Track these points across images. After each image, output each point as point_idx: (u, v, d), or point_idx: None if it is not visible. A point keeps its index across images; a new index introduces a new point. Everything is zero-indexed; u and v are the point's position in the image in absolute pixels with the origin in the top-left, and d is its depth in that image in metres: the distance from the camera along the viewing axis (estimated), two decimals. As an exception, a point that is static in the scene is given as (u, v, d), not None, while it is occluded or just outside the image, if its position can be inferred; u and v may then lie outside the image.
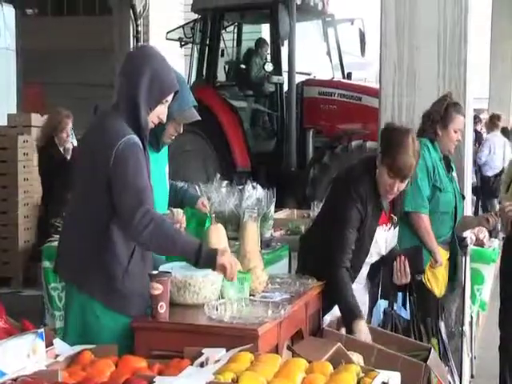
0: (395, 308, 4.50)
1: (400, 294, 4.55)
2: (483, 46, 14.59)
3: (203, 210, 4.35)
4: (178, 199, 4.31)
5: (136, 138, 3.37)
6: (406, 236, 4.77)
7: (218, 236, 3.86)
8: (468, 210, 5.45)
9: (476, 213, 10.45)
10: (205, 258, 3.35)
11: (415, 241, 4.81)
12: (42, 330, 2.89)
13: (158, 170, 3.91)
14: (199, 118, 4.01)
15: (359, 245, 4.25)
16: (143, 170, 3.37)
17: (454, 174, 5.02)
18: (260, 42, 11.16)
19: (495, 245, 5.90)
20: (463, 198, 5.07)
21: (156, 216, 3.32)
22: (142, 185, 3.33)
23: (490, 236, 6.01)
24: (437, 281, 4.93)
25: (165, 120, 3.56)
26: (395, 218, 4.43)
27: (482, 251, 5.67)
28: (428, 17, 5.34)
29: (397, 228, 4.47)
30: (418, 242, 4.81)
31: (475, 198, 11.88)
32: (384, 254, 4.43)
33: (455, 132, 4.85)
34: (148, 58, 3.47)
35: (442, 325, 5.02)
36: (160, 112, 3.49)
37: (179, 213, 3.70)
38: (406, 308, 4.54)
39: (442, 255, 4.91)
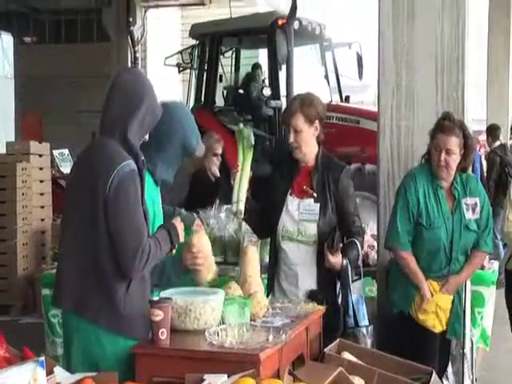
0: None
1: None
2: (482, 69, 14.68)
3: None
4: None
5: (132, 164, 3.40)
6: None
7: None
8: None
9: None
10: (174, 243, 3.59)
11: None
12: (43, 358, 2.87)
13: (155, 193, 3.91)
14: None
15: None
16: (139, 199, 3.42)
17: (471, 200, 4.70)
18: (257, 66, 11.20)
19: (495, 267, 5.89)
20: (473, 230, 4.71)
21: (151, 248, 3.39)
22: (140, 220, 3.40)
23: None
24: (428, 316, 4.70)
25: (147, 139, 3.60)
26: (311, 191, 4.52)
27: (482, 274, 5.64)
28: (426, 40, 5.36)
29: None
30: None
31: None
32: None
33: (436, 150, 4.62)
34: (142, 91, 3.49)
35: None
36: (145, 138, 3.58)
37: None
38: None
39: (434, 287, 4.70)
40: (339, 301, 4.47)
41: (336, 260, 4.41)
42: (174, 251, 3.64)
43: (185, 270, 3.82)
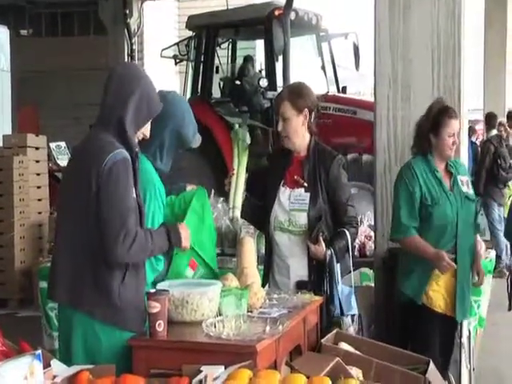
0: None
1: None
2: (479, 60, 14.68)
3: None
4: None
5: (125, 153, 3.40)
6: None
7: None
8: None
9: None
10: (174, 245, 3.60)
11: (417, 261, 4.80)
12: (40, 351, 2.87)
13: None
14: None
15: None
16: (131, 187, 3.41)
17: (463, 177, 4.90)
18: (253, 57, 11.19)
19: (492, 256, 5.90)
20: (473, 200, 4.94)
21: (138, 234, 3.37)
22: (127, 205, 3.38)
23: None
24: (438, 295, 4.77)
25: (148, 136, 3.62)
26: (301, 180, 4.53)
27: (479, 263, 5.66)
28: (421, 30, 5.36)
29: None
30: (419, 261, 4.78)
31: None
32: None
33: (449, 136, 4.78)
34: (137, 79, 3.51)
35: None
36: (144, 129, 3.58)
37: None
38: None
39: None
40: (326, 290, 4.46)
41: (316, 249, 4.41)
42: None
43: None
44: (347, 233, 4.51)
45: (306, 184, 4.52)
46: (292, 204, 4.53)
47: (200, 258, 4.05)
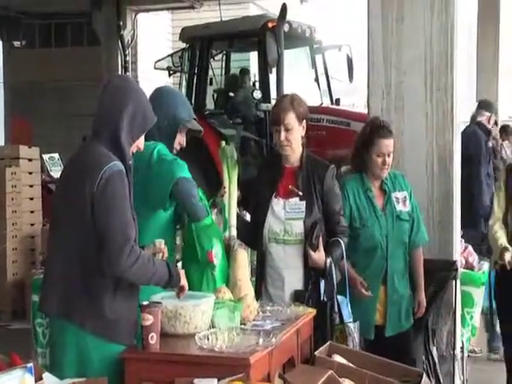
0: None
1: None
2: (472, 72, 14.72)
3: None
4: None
5: (120, 165, 3.39)
6: None
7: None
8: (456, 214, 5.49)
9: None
10: (173, 284, 3.54)
11: None
12: (31, 364, 2.86)
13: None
14: (202, 129, 4.43)
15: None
16: (128, 198, 3.40)
17: (399, 194, 4.89)
18: (247, 70, 11.21)
19: (485, 267, 5.91)
20: (406, 220, 4.90)
21: (141, 252, 3.37)
22: (128, 217, 3.37)
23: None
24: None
25: (142, 148, 3.64)
26: (296, 190, 4.53)
27: (471, 274, 5.68)
28: (414, 42, 5.38)
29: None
30: None
31: None
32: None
33: (378, 156, 4.78)
34: (131, 91, 3.51)
35: (433, 349, 5.00)
36: (139, 142, 3.57)
37: (161, 243, 3.70)
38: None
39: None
40: (324, 298, 4.45)
41: (318, 256, 4.41)
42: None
43: None
44: (341, 242, 4.52)
45: (300, 193, 4.52)
46: (288, 213, 4.52)
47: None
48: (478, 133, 8.54)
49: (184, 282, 3.60)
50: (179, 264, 4.29)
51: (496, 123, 9.97)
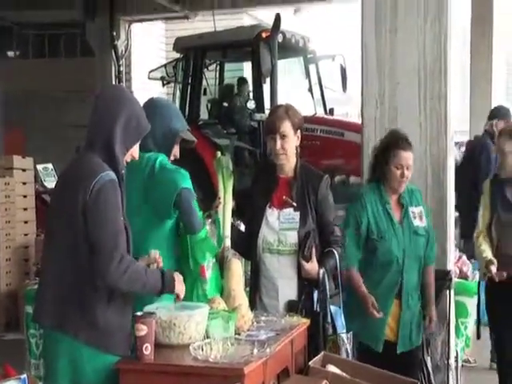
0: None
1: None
2: (465, 83, 14.76)
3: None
4: None
5: (113, 175, 3.40)
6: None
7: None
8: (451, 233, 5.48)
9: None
10: (166, 291, 3.54)
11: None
12: (25, 375, 2.85)
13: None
14: (195, 140, 4.45)
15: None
16: (120, 208, 3.41)
17: (415, 209, 4.89)
18: (245, 79, 11.23)
19: (477, 277, 5.91)
20: (422, 234, 4.88)
21: (131, 262, 3.37)
22: (119, 226, 3.38)
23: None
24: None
25: (137, 157, 3.64)
26: (290, 200, 4.53)
27: (465, 284, 5.69)
28: (408, 53, 5.40)
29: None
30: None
31: None
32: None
33: (397, 168, 4.76)
34: (124, 101, 3.52)
35: (427, 358, 4.99)
36: (133, 151, 3.58)
37: (156, 252, 3.70)
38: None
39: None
40: (317, 309, 4.45)
41: (311, 267, 4.40)
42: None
43: None
44: (335, 252, 4.51)
45: (295, 204, 4.52)
46: (282, 223, 4.52)
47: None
48: (488, 144, 8.32)
49: (180, 288, 3.60)
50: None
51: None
